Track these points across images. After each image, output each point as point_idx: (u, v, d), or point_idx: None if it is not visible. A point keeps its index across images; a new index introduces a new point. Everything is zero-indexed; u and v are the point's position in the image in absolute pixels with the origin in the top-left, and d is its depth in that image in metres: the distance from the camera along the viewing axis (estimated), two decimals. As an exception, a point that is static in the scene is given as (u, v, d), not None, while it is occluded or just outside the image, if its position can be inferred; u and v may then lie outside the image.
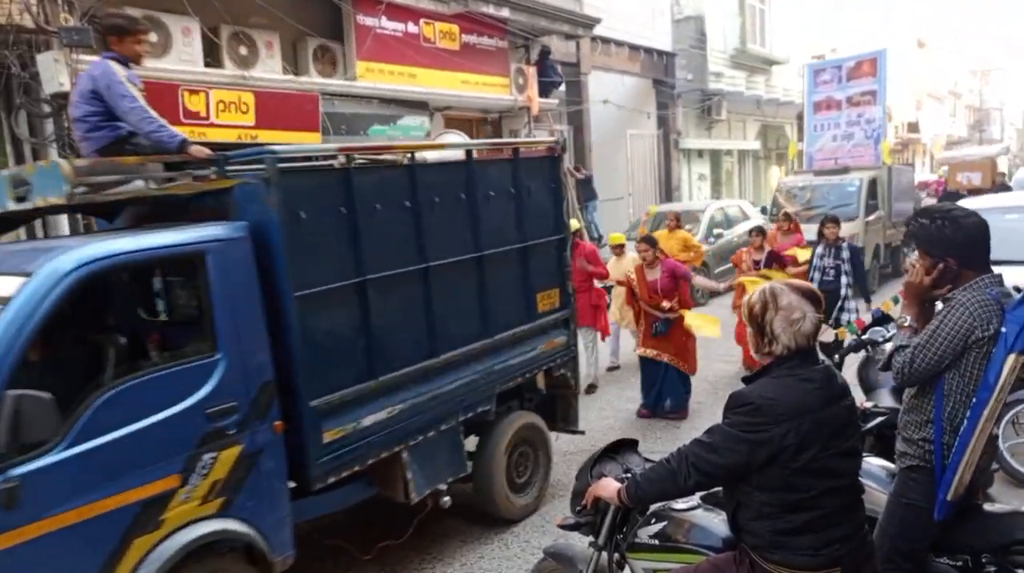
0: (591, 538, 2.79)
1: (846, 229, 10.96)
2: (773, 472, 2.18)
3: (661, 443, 6.00)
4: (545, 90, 13.53)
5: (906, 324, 2.78)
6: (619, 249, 8.23)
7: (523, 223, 4.81)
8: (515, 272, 4.80)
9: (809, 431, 2.16)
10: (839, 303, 7.42)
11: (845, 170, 13.68)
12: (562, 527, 2.89)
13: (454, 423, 4.39)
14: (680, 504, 2.70)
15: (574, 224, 7.20)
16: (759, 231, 8.31)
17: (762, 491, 2.21)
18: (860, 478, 2.41)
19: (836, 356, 4.91)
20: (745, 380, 2.35)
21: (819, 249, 7.64)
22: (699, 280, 7.52)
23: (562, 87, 14.72)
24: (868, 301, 7.90)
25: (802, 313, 2.24)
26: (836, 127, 15.22)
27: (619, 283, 7.71)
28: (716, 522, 2.60)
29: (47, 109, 7.19)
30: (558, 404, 5.43)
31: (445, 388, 4.29)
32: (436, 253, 4.20)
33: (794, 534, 2.20)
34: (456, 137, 6.56)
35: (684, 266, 7.24)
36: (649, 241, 6.98)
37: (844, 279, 7.47)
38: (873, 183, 13.18)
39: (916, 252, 2.80)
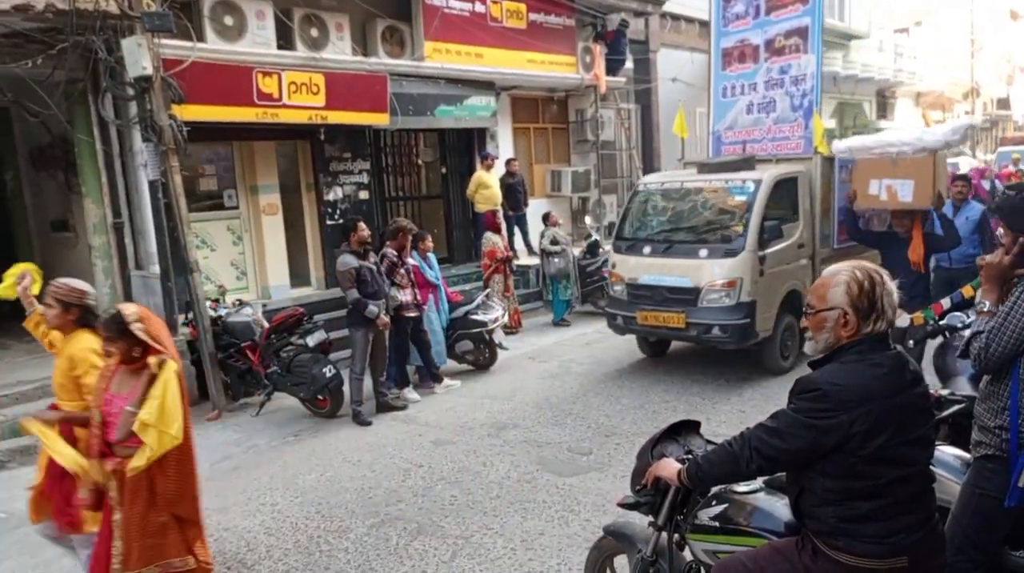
0: (651, 518, 2.79)
1: (723, 270, 7.08)
2: (840, 459, 2.14)
3: (725, 426, 5.92)
4: (612, 68, 13.35)
5: (985, 309, 2.68)
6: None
7: None
8: None
9: (879, 418, 2.11)
10: None
11: (746, 161, 8.03)
12: (622, 506, 2.90)
13: None
14: (742, 487, 2.67)
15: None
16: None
17: (828, 477, 2.18)
18: (933, 467, 2.34)
19: (911, 342, 4.74)
20: (812, 365, 2.31)
21: None
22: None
23: (630, 65, 14.50)
24: None
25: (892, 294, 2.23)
26: (752, 91, 9.38)
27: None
28: (779, 506, 2.57)
29: (131, 92, 7.49)
30: None
31: None
32: None
33: (860, 521, 2.16)
34: None
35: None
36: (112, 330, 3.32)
37: None
38: (787, 186, 7.62)
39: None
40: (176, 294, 7.77)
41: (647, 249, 7.72)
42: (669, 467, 2.54)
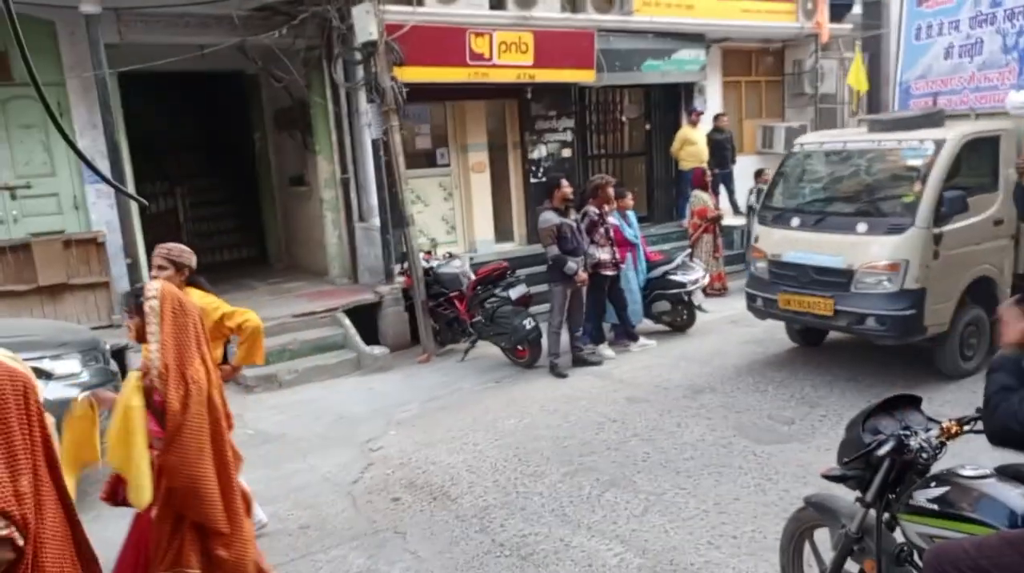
0: (859, 493, 2.65)
1: (884, 249, 5.90)
2: None
3: (949, 407, 5.40)
4: (837, 14, 12.28)
5: None
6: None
7: None
8: None
9: None
10: None
11: (930, 117, 6.57)
12: (827, 477, 2.77)
13: None
14: (969, 470, 2.45)
15: None
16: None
17: None
18: None
19: None
20: None
21: None
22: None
23: (857, 10, 13.26)
24: None
25: None
26: (953, 31, 7.53)
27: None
28: (1012, 495, 2.33)
29: (358, 56, 8.09)
30: None
31: None
32: None
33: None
34: None
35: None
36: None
37: None
38: (985, 148, 6.28)
39: None
40: (393, 246, 8.41)
41: (795, 221, 6.62)
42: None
